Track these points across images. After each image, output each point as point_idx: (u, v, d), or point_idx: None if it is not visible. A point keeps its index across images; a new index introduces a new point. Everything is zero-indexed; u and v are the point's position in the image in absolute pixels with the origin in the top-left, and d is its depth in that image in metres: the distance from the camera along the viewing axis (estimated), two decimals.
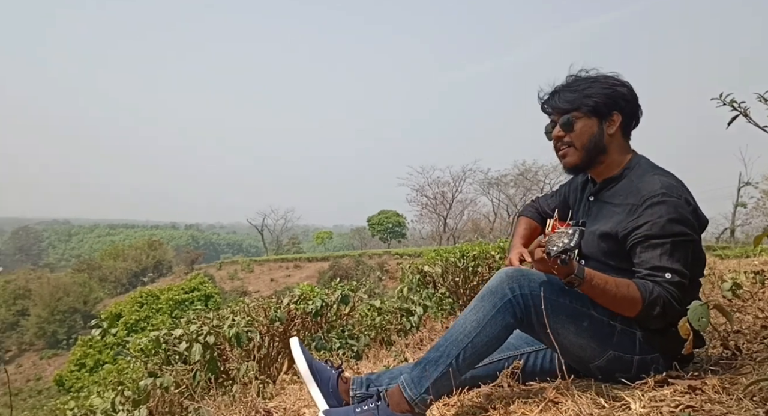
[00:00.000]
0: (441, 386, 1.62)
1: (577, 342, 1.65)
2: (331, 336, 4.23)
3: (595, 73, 1.83)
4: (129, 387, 3.74)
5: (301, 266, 45.72)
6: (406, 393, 1.61)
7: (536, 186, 38.64)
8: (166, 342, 3.88)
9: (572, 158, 1.83)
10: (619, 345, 1.64)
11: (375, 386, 1.83)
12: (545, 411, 1.51)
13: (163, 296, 27.95)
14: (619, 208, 1.73)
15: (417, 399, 1.60)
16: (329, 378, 1.82)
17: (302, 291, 4.32)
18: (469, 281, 5.35)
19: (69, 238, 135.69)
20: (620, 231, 1.67)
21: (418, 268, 5.66)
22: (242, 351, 3.82)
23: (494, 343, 1.63)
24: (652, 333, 1.64)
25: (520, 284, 1.62)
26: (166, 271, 52.90)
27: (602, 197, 1.84)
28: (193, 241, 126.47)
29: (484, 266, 5.29)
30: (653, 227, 1.60)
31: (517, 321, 1.63)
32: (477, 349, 1.61)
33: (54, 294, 40.30)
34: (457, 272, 5.38)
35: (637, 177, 1.74)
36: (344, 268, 36.58)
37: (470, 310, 1.65)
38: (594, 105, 1.76)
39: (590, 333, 1.63)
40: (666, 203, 1.61)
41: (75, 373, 24.42)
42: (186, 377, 3.66)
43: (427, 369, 1.61)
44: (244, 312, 4.09)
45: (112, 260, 51.59)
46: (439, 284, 5.51)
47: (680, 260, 1.59)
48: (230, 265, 49.58)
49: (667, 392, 1.44)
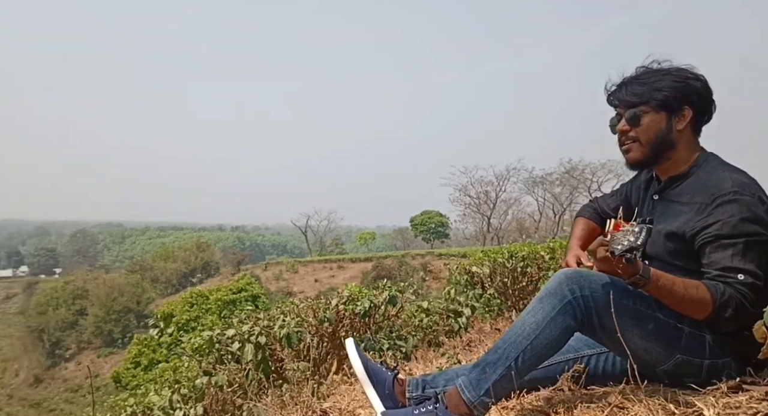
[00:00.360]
0: (500, 389, 1.59)
1: (642, 346, 1.59)
2: (379, 337, 4.24)
3: (668, 65, 1.75)
4: (185, 385, 3.85)
5: (344, 266, 46.09)
6: (465, 395, 1.59)
7: (583, 184, 37.78)
8: (219, 341, 3.97)
9: (636, 154, 1.76)
10: (687, 349, 1.57)
11: (431, 387, 1.82)
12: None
13: (212, 297, 28.67)
14: (686, 207, 1.66)
15: (476, 401, 1.58)
16: (385, 380, 1.82)
17: (350, 292, 4.35)
18: (518, 282, 5.27)
19: (122, 240, 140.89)
20: (688, 231, 1.61)
21: (466, 269, 5.60)
22: (293, 351, 3.87)
23: (554, 346, 1.60)
24: (723, 336, 1.57)
25: (580, 286, 1.57)
26: (214, 272, 54.20)
27: (668, 195, 1.77)
28: (239, 242, 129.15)
29: (533, 267, 5.20)
30: (724, 226, 1.53)
31: (578, 324, 1.58)
32: (536, 351, 1.58)
33: (110, 295, 41.97)
34: (506, 273, 5.30)
35: (706, 175, 1.66)
36: (387, 269, 36.67)
37: (528, 312, 1.62)
38: (663, 99, 1.69)
39: (656, 336, 1.57)
40: (738, 201, 1.53)
41: (131, 371, 25.31)
42: (238, 376, 3.74)
43: (486, 371, 1.59)
44: (294, 312, 4.14)
45: (162, 262, 53.30)
46: (487, 285, 5.44)
47: (753, 261, 1.52)
48: (275, 266, 50.43)
49: (742, 399, 1.37)
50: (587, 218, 2.14)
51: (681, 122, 1.71)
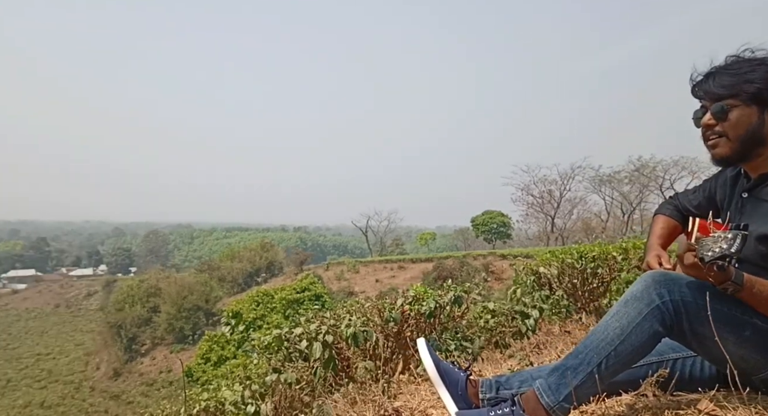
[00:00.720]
0: (580, 394, 1.54)
1: (738, 353, 1.49)
2: (445, 338, 4.21)
3: (763, 55, 1.61)
4: (255, 381, 3.95)
5: (405, 267, 46.09)
6: (543, 399, 1.55)
7: (654, 183, 36.13)
8: (287, 339, 4.06)
9: (723, 150, 1.64)
10: None
11: (505, 389, 1.78)
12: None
13: (277, 296, 29.42)
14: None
15: (555, 406, 1.53)
16: (458, 381, 1.80)
17: (416, 292, 4.34)
18: (587, 284, 5.09)
19: (191, 240, 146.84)
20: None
21: (533, 269, 5.47)
22: (359, 351, 3.91)
23: (640, 352, 1.52)
24: None
25: (669, 289, 1.49)
26: (278, 271, 55.49)
27: (758, 194, 1.65)
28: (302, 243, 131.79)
29: (604, 268, 5.01)
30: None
31: (666, 329, 1.50)
32: (621, 358, 1.51)
33: (180, 293, 43.80)
34: (575, 274, 5.13)
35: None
36: (448, 269, 36.38)
37: (612, 316, 1.55)
38: (755, 92, 1.55)
39: (753, 343, 1.47)
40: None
41: (201, 366, 26.35)
42: (306, 374, 3.81)
43: (566, 376, 1.54)
44: (360, 311, 4.18)
45: (229, 261, 55.10)
46: (555, 287, 5.29)
47: None
48: (337, 266, 51.08)
49: None
50: (667, 216, 2.02)
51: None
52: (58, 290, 74.99)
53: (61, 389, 41.49)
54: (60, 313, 66.23)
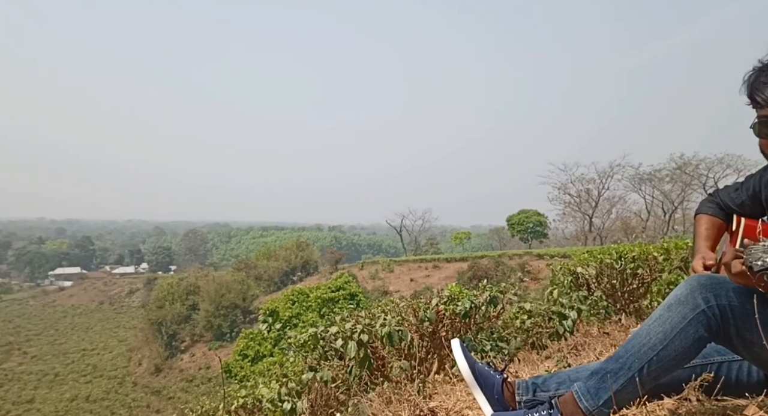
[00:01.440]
0: (620, 399, 1.50)
1: None
2: (480, 338, 4.18)
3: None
4: (292, 379, 4.00)
5: (439, 266, 45.94)
6: (582, 403, 1.52)
7: (697, 181, 35.05)
8: (323, 338, 4.10)
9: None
10: None
11: (542, 391, 1.76)
12: None
13: (312, 295, 29.75)
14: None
15: (594, 410, 1.50)
16: (493, 384, 1.78)
17: (451, 292, 4.32)
18: (627, 285, 4.98)
19: (229, 239, 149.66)
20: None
21: (570, 269, 5.38)
22: (394, 350, 3.91)
23: (683, 357, 1.48)
24: None
25: (715, 294, 1.44)
26: (313, 270, 56.02)
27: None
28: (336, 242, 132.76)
29: (644, 269, 4.89)
30: None
31: (712, 335, 1.46)
32: (663, 363, 1.47)
33: (218, 291, 44.68)
34: (614, 275, 5.02)
35: None
36: (483, 269, 36.10)
37: (655, 320, 1.51)
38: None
39: None
40: None
41: (239, 362, 26.86)
42: (342, 372, 3.84)
43: (606, 380, 1.51)
44: (395, 311, 4.18)
45: (265, 260, 55.96)
46: (594, 287, 5.19)
47: None
48: (371, 265, 51.26)
49: None
50: (711, 215, 1.91)
51: None
52: (101, 288, 77.59)
53: (106, 384, 42.88)
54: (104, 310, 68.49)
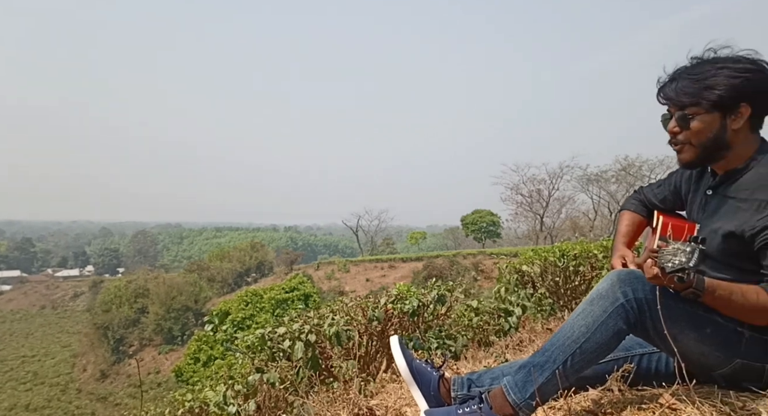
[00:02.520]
0: (546, 391, 1.56)
1: (699, 349, 1.52)
2: (428, 336, 4.23)
3: (727, 54, 1.59)
4: (239, 381, 3.96)
5: (395, 266, 46.21)
6: (510, 397, 1.57)
7: (640, 181, 36.43)
8: (270, 339, 4.06)
9: (688, 155, 1.66)
10: (747, 353, 1.49)
11: (476, 386, 1.80)
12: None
13: (266, 296, 29.40)
14: (744, 204, 1.56)
15: (521, 403, 1.55)
16: (430, 380, 1.81)
17: (399, 291, 4.36)
18: (569, 282, 5.15)
19: (180, 240, 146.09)
20: (747, 231, 1.51)
21: (516, 268, 5.52)
22: (342, 350, 3.92)
23: (604, 349, 1.55)
24: None
25: (633, 288, 1.51)
26: (268, 271, 55.43)
27: (723, 191, 1.66)
28: (292, 242, 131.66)
29: (585, 266, 5.06)
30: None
31: (630, 327, 1.53)
32: (585, 355, 1.54)
33: (169, 293, 43.61)
34: (557, 272, 5.19)
35: (766, 169, 1.55)
36: (438, 268, 36.53)
37: (578, 314, 1.57)
38: (717, 99, 1.55)
39: (714, 340, 1.50)
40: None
41: (191, 366, 26.26)
42: (290, 373, 3.81)
43: (533, 373, 1.56)
44: (343, 311, 4.19)
45: (218, 261, 54.93)
46: (538, 285, 5.34)
47: None
48: (327, 265, 51.11)
49: None
50: (633, 211, 2.02)
51: (737, 121, 1.58)
52: (43, 292, 74.34)
53: (47, 391, 41.16)
54: (45, 315, 65.72)
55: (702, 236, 1.41)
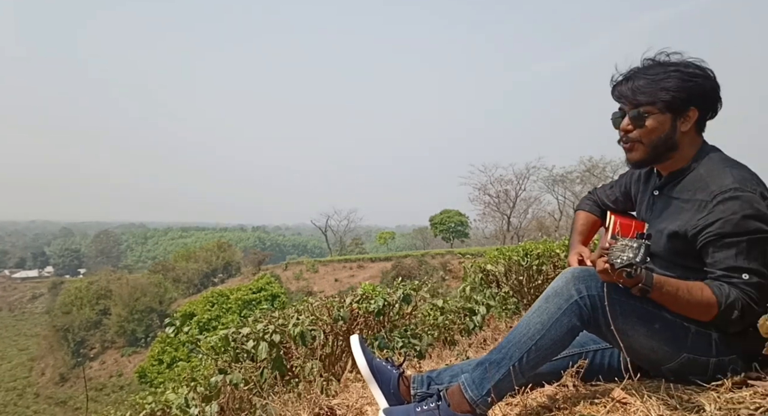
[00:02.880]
0: (502, 387, 1.58)
1: (648, 344, 1.57)
2: (393, 335, 4.25)
3: (678, 59, 1.65)
4: (201, 383, 3.90)
5: (364, 266, 46.23)
6: (467, 393, 1.59)
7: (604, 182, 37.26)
8: (234, 340, 4.02)
9: (637, 154, 1.71)
10: (693, 348, 1.55)
11: (436, 384, 1.82)
12: (612, 412, 1.46)
13: (233, 296, 29.03)
14: (687, 204, 1.62)
15: (478, 400, 1.58)
16: (390, 378, 1.82)
17: (364, 290, 4.37)
18: (533, 280, 5.24)
19: (145, 241, 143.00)
20: (690, 230, 1.57)
21: (481, 267, 5.59)
22: (307, 350, 3.90)
23: (559, 346, 1.58)
24: (730, 335, 1.55)
25: (587, 285, 1.55)
26: (235, 272, 54.77)
27: (668, 191, 1.73)
28: (260, 242, 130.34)
29: (548, 265, 5.16)
30: (726, 224, 1.49)
31: (584, 323, 1.57)
32: (541, 352, 1.57)
33: (132, 294, 42.67)
34: (521, 271, 5.27)
35: (707, 170, 1.61)
36: (407, 268, 36.72)
37: (534, 312, 1.61)
38: (670, 100, 1.61)
39: (662, 335, 1.55)
40: (739, 198, 1.50)
41: (155, 368, 25.75)
42: (254, 374, 3.78)
43: (489, 370, 1.58)
44: (308, 311, 4.17)
45: (184, 262, 54.02)
46: (503, 283, 5.42)
47: (757, 259, 1.49)
48: (296, 266, 50.80)
49: (746, 394, 1.36)
50: (587, 211, 2.11)
51: (686, 123, 1.64)
52: None
53: (2, 396, 39.80)
54: (2, 317, 63.51)
55: (648, 233, 1.46)
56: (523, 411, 1.66)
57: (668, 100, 1.61)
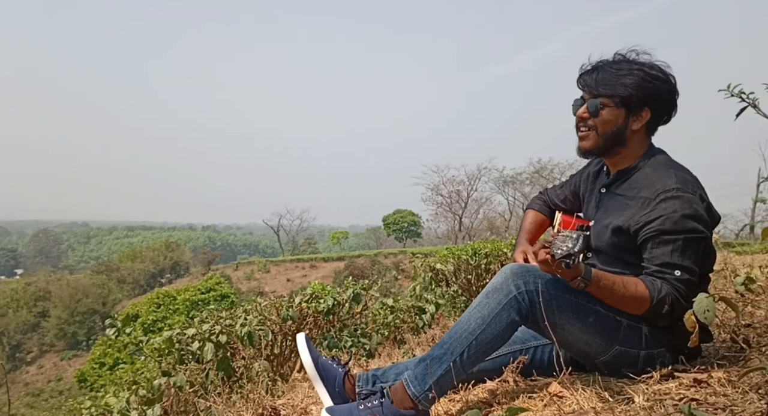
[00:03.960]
0: (444, 383, 1.61)
1: (583, 338, 1.63)
2: (343, 335, 4.24)
3: (646, 59, 1.73)
4: (143, 386, 3.79)
5: (317, 266, 45.93)
6: (410, 390, 1.60)
7: (552, 184, 38.29)
8: (179, 341, 3.92)
9: (589, 143, 1.78)
10: (625, 341, 1.62)
11: (381, 382, 1.83)
12: (549, 406, 1.50)
13: (180, 297, 28.24)
14: (632, 201, 1.70)
15: (420, 396, 1.59)
16: (335, 377, 1.82)
17: (314, 290, 4.34)
18: (481, 279, 5.34)
19: (88, 240, 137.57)
20: (633, 225, 1.64)
21: (431, 266, 5.65)
22: (255, 350, 3.85)
23: (498, 341, 1.62)
24: (659, 328, 1.62)
25: (525, 281, 1.59)
26: (184, 272, 53.40)
27: (615, 189, 1.81)
28: (210, 242, 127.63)
29: (496, 264, 5.27)
30: (666, 221, 1.57)
31: (522, 318, 1.61)
32: (481, 347, 1.60)
33: (73, 296, 40.91)
34: (470, 270, 5.37)
35: (652, 170, 1.70)
36: (360, 268, 36.69)
37: (475, 307, 1.63)
38: (627, 96, 1.68)
39: (596, 328, 1.61)
40: (680, 198, 1.57)
41: (96, 371, 24.79)
42: (199, 376, 3.70)
43: (431, 366, 1.60)
44: (257, 310, 4.12)
45: (130, 262, 52.21)
46: (452, 282, 5.50)
47: (691, 258, 1.57)
48: (247, 266, 49.95)
49: (672, 385, 1.42)
50: (536, 211, 2.18)
51: (637, 122, 1.72)
52: None
53: None
54: None
55: (588, 225, 1.51)
56: (464, 406, 1.68)
57: (625, 96, 1.68)
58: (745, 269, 3.15)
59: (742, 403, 1.18)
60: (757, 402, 1.15)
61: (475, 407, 1.67)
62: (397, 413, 1.61)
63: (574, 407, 1.43)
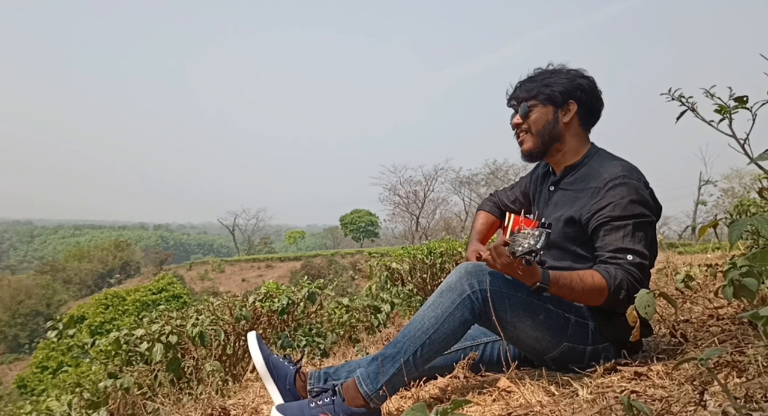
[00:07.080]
0: (397, 381, 1.61)
1: (533, 335, 1.66)
2: (298, 334, 4.21)
3: (560, 67, 1.89)
4: (88, 389, 3.66)
5: (273, 266, 45.41)
6: (362, 388, 1.60)
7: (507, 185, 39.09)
8: (127, 342, 3.81)
9: (528, 144, 1.87)
10: (572, 337, 1.66)
11: (333, 380, 1.82)
12: (498, 401, 1.52)
13: (130, 298, 27.36)
14: (581, 193, 1.76)
15: (372, 394, 1.59)
16: (287, 375, 1.80)
17: (268, 289, 4.29)
18: (436, 278, 5.39)
19: (31, 239, 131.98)
20: (584, 214, 1.70)
21: (387, 265, 5.68)
22: (207, 351, 3.78)
23: (451, 339, 1.63)
24: (604, 324, 1.68)
25: (479, 280, 1.62)
26: (134, 272, 51.93)
27: (563, 185, 1.87)
28: (163, 241, 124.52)
29: (451, 263, 5.34)
30: (616, 208, 1.63)
31: (475, 317, 1.63)
32: (434, 346, 1.61)
33: (15, 297, 39.14)
34: (425, 269, 5.42)
35: (598, 163, 1.78)
36: (317, 267, 36.49)
37: (429, 306, 1.64)
38: (550, 93, 1.81)
39: (546, 325, 1.65)
40: (627, 184, 1.65)
41: (38, 375, 23.74)
42: (148, 378, 3.60)
43: (384, 364, 1.60)
44: (209, 310, 4.04)
45: (76, 262, 50.34)
46: (407, 281, 5.54)
47: (642, 242, 1.63)
48: (201, 265, 48.96)
49: (614, 379, 1.47)
50: (488, 212, 2.23)
51: (567, 115, 1.83)
52: None
53: None
54: None
55: (549, 222, 1.54)
56: (416, 403, 1.69)
57: (549, 93, 1.82)
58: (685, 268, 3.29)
59: (678, 394, 1.23)
60: (692, 393, 1.20)
61: (426, 403, 1.68)
62: (348, 411, 1.60)
63: (522, 401, 1.46)
